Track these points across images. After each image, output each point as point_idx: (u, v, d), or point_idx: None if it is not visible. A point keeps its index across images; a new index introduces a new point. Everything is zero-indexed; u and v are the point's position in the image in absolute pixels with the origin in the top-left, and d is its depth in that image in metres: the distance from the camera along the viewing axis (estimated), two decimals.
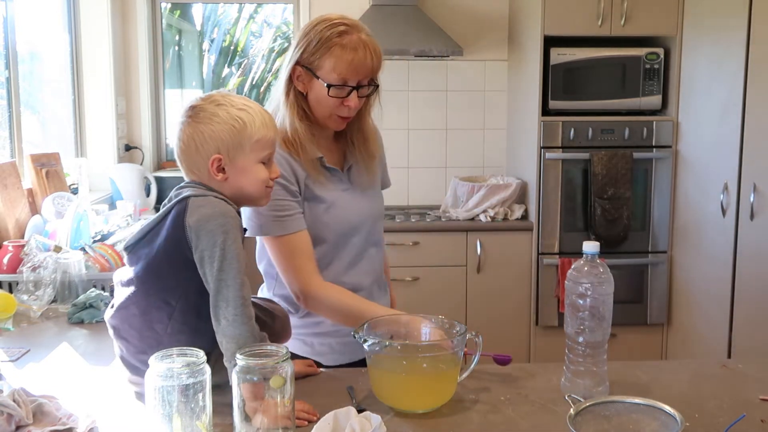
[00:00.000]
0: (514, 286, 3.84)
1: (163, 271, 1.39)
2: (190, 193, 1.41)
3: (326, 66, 1.60)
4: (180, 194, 1.42)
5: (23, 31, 3.23)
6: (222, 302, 1.35)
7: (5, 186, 2.64)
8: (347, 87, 1.62)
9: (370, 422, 1.23)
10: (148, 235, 1.42)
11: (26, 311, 2.13)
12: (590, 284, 1.43)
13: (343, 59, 1.59)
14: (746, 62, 3.21)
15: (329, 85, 1.60)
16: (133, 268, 1.42)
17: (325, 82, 1.61)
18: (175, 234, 1.37)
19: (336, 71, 1.60)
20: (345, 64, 1.59)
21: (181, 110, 1.47)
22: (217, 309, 1.35)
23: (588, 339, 1.45)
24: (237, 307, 1.35)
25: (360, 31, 1.62)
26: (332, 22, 1.61)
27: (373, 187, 1.82)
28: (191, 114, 1.44)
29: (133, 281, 1.41)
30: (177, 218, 1.38)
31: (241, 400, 1.23)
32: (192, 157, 1.44)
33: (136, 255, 1.42)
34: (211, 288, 1.36)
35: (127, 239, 1.47)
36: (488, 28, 4.22)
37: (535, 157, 3.75)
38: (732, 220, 3.33)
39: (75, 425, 1.28)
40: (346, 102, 1.63)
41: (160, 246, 1.39)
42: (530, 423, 1.37)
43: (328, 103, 1.63)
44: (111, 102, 3.89)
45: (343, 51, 1.59)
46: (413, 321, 1.57)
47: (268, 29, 5.84)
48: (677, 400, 1.40)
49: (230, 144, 1.43)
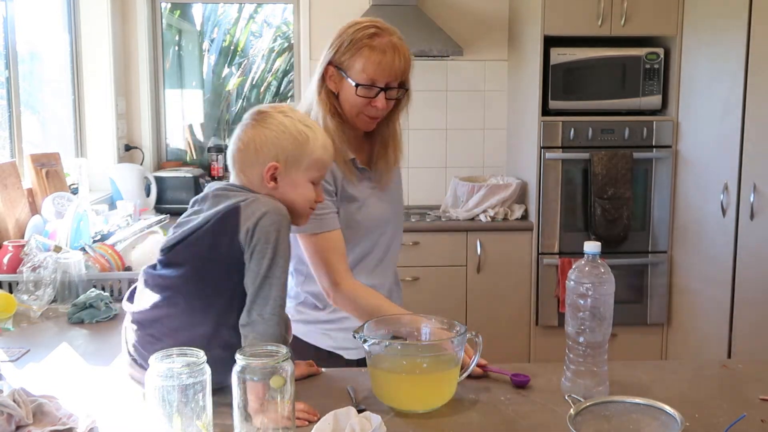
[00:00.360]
0: (514, 286, 3.84)
1: (211, 274, 1.38)
2: (239, 199, 1.39)
3: (356, 66, 1.67)
4: (226, 196, 1.41)
5: (23, 31, 3.23)
6: (261, 299, 1.35)
7: (5, 186, 2.64)
8: (375, 88, 1.68)
9: (370, 422, 1.23)
10: (189, 237, 1.39)
11: (26, 311, 2.13)
12: (591, 284, 1.43)
13: (372, 60, 1.66)
14: (746, 62, 3.21)
15: (357, 84, 1.67)
16: (174, 270, 1.40)
17: (354, 81, 1.67)
18: (227, 239, 1.36)
19: (365, 72, 1.67)
20: (373, 65, 1.66)
21: (247, 113, 1.49)
22: (254, 304, 1.35)
23: (588, 339, 1.45)
24: (276, 307, 1.35)
25: (391, 35, 1.70)
26: (364, 25, 1.70)
27: (395, 187, 1.89)
28: (258, 118, 1.46)
29: (173, 283, 1.39)
30: (229, 224, 1.36)
31: (242, 400, 1.23)
32: (249, 159, 1.44)
33: (176, 257, 1.40)
34: (254, 283, 1.35)
35: (166, 241, 1.45)
36: (488, 28, 4.22)
37: (535, 157, 3.75)
38: (732, 220, 3.33)
39: (75, 425, 1.28)
40: (373, 102, 1.69)
41: (208, 250, 1.37)
42: (530, 423, 1.37)
43: (357, 103, 1.69)
44: (111, 102, 3.89)
45: (372, 52, 1.66)
46: (414, 321, 1.58)
47: (268, 29, 5.84)
48: (677, 400, 1.40)
49: (290, 155, 1.44)
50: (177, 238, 1.41)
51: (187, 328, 1.37)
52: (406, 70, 1.71)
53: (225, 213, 1.37)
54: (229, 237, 1.36)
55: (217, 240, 1.37)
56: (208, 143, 4.75)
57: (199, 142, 4.87)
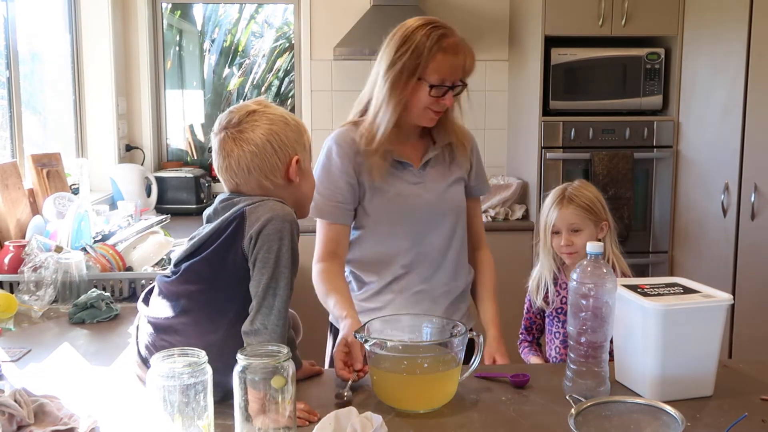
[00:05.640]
0: (515, 285, 3.83)
1: (221, 284, 1.37)
2: (246, 203, 1.37)
3: (429, 68, 1.73)
4: (232, 204, 1.39)
5: (24, 32, 3.23)
6: (265, 309, 1.33)
7: (6, 186, 2.64)
8: (444, 87, 1.75)
9: (371, 422, 1.23)
10: (201, 248, 1.38)
11: (27, 311, 2.13)
12: (593, 285, 1.43)
13: (446, 62, 1.73)
14: (747, 62, 3.22)
15: (432, 86, 1.73)
16: (185, 280, 1.39)
17: (428, 83, 1.73)
18: (233, 246, 1.35)
19: (438, 72, 1.73)
20: (447, 67, 1.73)
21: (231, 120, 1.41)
22: (258, 314, 1.33)
23: (590, 339, 1.45)
24: (280, 318, 1.34)
25: (455, 34, 1.76)
26: (430, 27, 1.73)
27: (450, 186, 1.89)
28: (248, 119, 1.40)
29: (185, 293, 1.39)
30: (235, 231, 1.35)
31: (243, 400, 1.23)
32: (268, 160, 1.40)
33: (187, 269, 1.39)
34: (257, 293, 1.34)
35: (178, 255, 1.43)
36: (489, 28, 4.22)
37: (535, 157, 3.75)
38: (733, 220, 3.33)
39: (76, 425, 1.28)
40: (441, 100, 1.76)
41: (217, 260, 1.36)
42: (531, 423, 1.37)
43: (427, 102, 1.76)
44: (112, 102, 3.90)
45: (445, 55, 1.73)
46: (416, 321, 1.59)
47: (269, 29, 5.84)
48: (678, 400, 1.40)
49: (298, 144, 1.44)
50: (188, 250, 1.40)
51: (199, 336, 1.37)
52: (472, 68, 1.78)
53: (231, 220, 1.36)
54: (236, 245, 1.35)
55: (225, 248, 1.36)
56: (208, 143, 4.75)
57: (199, 142, 4.87)
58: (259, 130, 1.40)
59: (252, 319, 1.34)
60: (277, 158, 1.41)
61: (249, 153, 1.39)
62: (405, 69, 1.73)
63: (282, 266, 1.33)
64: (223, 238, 1.36)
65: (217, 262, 1.37)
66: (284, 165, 1.42)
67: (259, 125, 1.41)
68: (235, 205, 1.38)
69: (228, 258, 1.36)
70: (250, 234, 1.33)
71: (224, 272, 1.37)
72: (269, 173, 1.41)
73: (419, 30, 1.73)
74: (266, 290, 1.33)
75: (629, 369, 1.52)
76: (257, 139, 1.40)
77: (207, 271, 1.37)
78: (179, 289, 1.40)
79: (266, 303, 1.33)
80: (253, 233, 1.33)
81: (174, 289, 1.40)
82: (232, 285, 1.37)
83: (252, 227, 1.33)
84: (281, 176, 1.42)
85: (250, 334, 1.34)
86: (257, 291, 1.34)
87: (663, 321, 1.41)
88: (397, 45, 1.74)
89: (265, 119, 1.41)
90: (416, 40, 1.72)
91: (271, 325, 1.33)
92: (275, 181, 1.42)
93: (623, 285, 1.53)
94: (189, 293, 1.38)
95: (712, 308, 1.45)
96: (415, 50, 1.72)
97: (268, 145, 1.40)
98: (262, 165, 1.40)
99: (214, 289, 1.38)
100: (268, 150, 1.40)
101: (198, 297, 1.38)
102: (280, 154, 1.41)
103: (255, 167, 1.40)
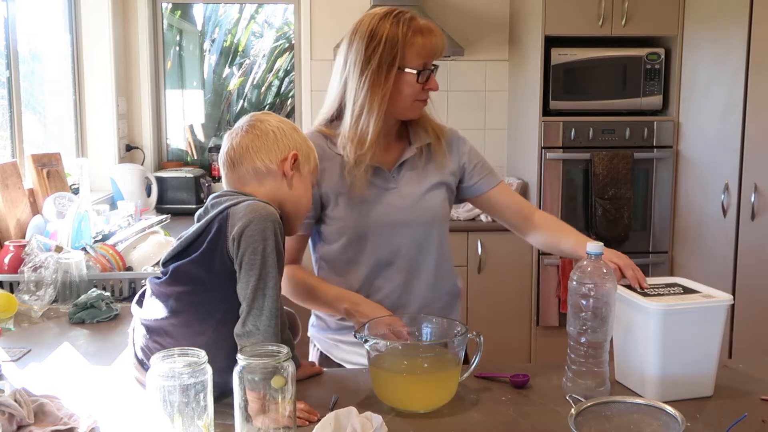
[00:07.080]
0: (515, 286, 3.84)
1: (208, 286, 1.37)
2: (230, 203, 1.37)
3: (410, 54, 1.65)
4: (219, 203, 1.39)
5: (24, 32, 3.23)
6: (256, 311, 1.33)
7: (6, 186, 2.64)
8: (427, 70, 1.68)
9: (371, 422, 1.23)
10: (188, 248, 1.38)
11: (27, 311, 2.13)
12: (593, 284, 1.43)
13: (425, 45, 1.65)
14: (747, 62, 3.22)
15: (419, 71, 1.65)
16: (173, 281, 1.39)
17: (414, 70, 1.65)
18: (218, 247, 1.35)
19: (420, 57, 1.65)
20: (427, 48, 1.66)
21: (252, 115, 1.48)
22: (249, 316, 1.33)
23: (590, 339, 1.45)
24: (271, 318, 1.33)
25: (418, 16, 1.69)
26: (396, 13, 1.66)
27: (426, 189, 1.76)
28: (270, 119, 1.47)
29: (173, 294, 1.39)
30: (219, 231, 1.35)
31: (243, 400, 1.23)
32: (267, 145, 1.44)
33: (174, 269, 1.39)
34: (246, 295, 1.33)
35: (166, 254, 1.43)
36: (489, 28, 4.22)
37: (535, 157, 3.75)
38: (733, 221, 3.33)
39: (76, 425, 1.28)
40: (427, 86, 1.68)
41: (203, 260, 1.36)
42: (531, 423, 1.37)
43: (415, 91, 1.67)
44: (112, 102, 3.90)
45: (423, 37, 1.65)
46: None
47: (269, 29, 5.84)
48: (678, 401, 1.40)
49: (303, 151, 1.47)
50: (174, 250, 1.41)
51: (189, 338, 1.36)
52: (445, 46, 1.71)
53: (213, 220, 1.37)
54: (221, 246, 1.35)
55: (211, 249, 1.36)
56: (208, 143, 4.76)
57: (199, 142, 4.88)
58: (268, 124, 1.46)
59: (243, 321, 1.34)
60: (277, 146, 1.44)
61: (252, 135, 1.45)
62: (383, 63, 1.62)
63: (269, 266, 1.33)
64: (209, 240, 1.36)
65: (205, 264, 1.36)
66: (281, 154, 1.44)
67: (270, 122, 1.47)
68: (221, 204, 1.39)
69: (215, 259, 1.36)
70: (233, 236, 1.33)
71: (212, 273, 1.37)
72: (264, 155, 1.44)
73: (384, 20, 1.64)
74: (255, 292, 1.33)
75: (629, 369, 1.52)
76: (264, 127, 1.45)
77: (196, 273, 1.37)
78: (169, 291, 1.39)
79: (256, 305, 1.33)
80: (235, 235, 1.33)
81: (164, 290, 1.40)
82: (221, 286, 1.37)
83: (234, 228, 1.33)
84: (275, 162, 1.44)
85: (242, 336, 1.34)
86: (246, 293, 1.33)
87: (663, 321, 1.41)
88: (366, 42, 1.64)
89: (278, 119, 1.48)
90: (386, 31, 1.63)
91: (263, 326, 1.33)
92: (268, 165, 1.43)
93: (623, 285, 1.53)
94: (178, 294, 1.38)
95: (712, 308, 1.45)
96: (389, 41, 1.62)
97: (271, 134, 1.44)
98: (260, 145, 1.44)
99: (203, 290, 1.37)
100: (270, 137, 1.44)
101: (187, 298, 1.38)
102: (281, 144, 1.44)
103: (253, 147, 1.44)
